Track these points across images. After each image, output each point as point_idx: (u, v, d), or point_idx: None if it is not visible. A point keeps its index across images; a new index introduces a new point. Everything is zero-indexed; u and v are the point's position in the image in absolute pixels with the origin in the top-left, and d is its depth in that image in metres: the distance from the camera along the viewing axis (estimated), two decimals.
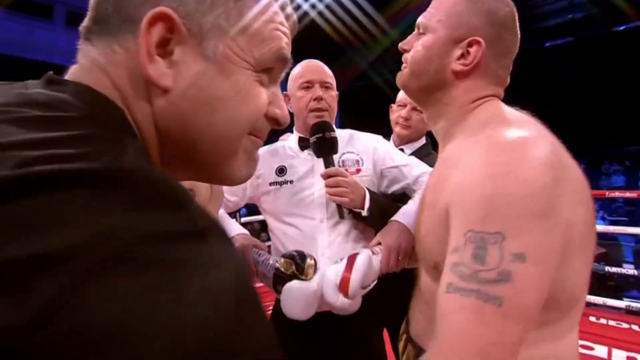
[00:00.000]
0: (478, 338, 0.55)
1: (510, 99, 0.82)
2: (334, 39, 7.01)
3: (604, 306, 3.45)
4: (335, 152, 1.27)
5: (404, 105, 1.89)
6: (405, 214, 1.20)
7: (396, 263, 1.13)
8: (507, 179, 0.59)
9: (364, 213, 1.22)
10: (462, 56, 0.78)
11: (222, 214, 1.31)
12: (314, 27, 6.80)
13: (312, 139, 1.26)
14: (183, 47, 0.40)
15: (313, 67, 1.40)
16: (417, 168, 1.37)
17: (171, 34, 0.39)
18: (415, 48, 0.84)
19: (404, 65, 0.87)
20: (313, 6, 6.80)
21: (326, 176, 1.21)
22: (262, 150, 1.41)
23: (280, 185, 1.36)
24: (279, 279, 1.13)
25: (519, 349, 0.55)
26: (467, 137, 0.75)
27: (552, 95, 8.37)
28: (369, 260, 1.09)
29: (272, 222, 1.40)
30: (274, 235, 1.40)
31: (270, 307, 1.39)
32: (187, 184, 0.56)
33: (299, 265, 1.13)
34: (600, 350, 2.71)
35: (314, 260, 1.15)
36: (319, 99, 1.34)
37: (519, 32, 0.80)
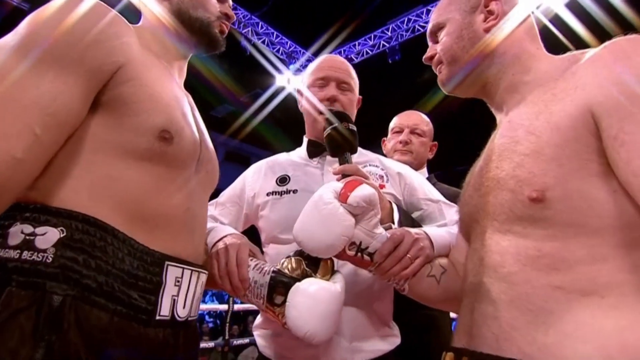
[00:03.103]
0: None
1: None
2: None
3: None
4: (354, 149, 1.02)
5: (401, 131, 1.71)
6: (435, 231, 0.97)
7: (404, 254, 0.86)
8: None
9: (395, 226, 0.97)
10: (487, 17, 0.80)
11: (215, 225, 1.07)
12: None
13: (326, 132, 1.02)
14: None
15: (331, 62, 1.21)
16: (456, 211, 1.10)
17: None
18: (440, 45, 0.85)
19: (439, 69, 0.87)
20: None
21: (340, 174, 0.95)
22: (262, 162, 1.26)
23: (281, 195, 1.13)
24: (280, 284, 0.82)
25: None
26: (558, 75, 0.70)
27: None
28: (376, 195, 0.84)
29: (266, 243, 1.15)
30: (267, 258, 1.12)
31: None
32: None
33: (311, 263, 0.85)
34: None
35: (332, 260, 0.88)
36: (332, 99, 1.15)
37: None
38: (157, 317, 0.67)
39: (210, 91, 6.92)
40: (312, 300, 0.80)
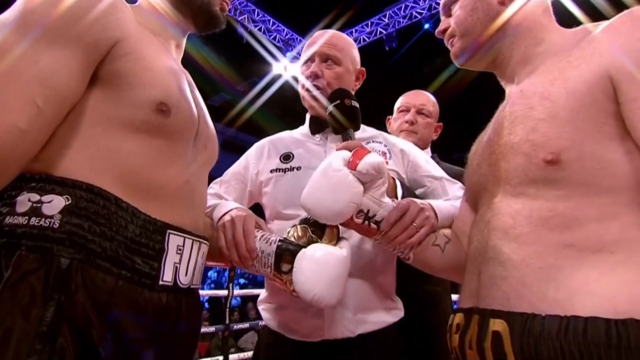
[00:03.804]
0: None
1: None
2: None
3: None
4: (356, 126, 1.04)
5: (407, 110, 1.70)
6: (439, 203, 0.99)
7: (410, 222, 0.86)
8: None
9: (399, 199, 0.97)
10: None
11: (220, 201, 1.08)
12: None
13: (328, 110, 1.03)
14: None
15: (316, 37, 1.20)
16: (459, 187, 1.13)
17: None
18: (453, 18, 0.85)
19: (451, 42, 0.87)
20: None
21: (344, 150, 0.95)
22: (265, 140, 1.28)
23: (284, 172, 1.14)
24: (287, 252, 0.83)
25: None
26: (571, 45, 0.71)
27: None
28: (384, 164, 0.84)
29: (270, 219, 1.17)
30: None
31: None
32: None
33: (317, 229, 0.86)
34: None
35: (337, 227, 0.89)
36: (313, 75, 1.15)
37: None
38: (161, 283, 0.69)
39: (206, 80, 6.88)
40: (319, 264, 0.81)
